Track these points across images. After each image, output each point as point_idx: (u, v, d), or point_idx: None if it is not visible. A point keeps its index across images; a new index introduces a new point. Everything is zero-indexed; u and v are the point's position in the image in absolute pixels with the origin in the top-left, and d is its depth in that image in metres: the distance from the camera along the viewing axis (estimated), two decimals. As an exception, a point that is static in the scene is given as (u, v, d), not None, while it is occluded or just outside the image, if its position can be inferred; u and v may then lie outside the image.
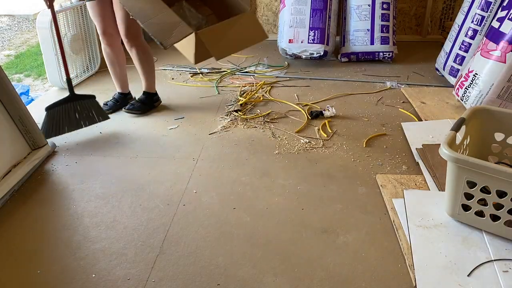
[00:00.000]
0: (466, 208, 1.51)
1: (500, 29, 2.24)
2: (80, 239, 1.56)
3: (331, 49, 3.38)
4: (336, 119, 2.46)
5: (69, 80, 2.26)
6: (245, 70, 3.23)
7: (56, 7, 2.58)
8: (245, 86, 2.91)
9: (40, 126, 2.11)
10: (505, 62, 2.17)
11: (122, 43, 2.44)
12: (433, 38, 3.95)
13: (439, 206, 1.63)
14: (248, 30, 1.90)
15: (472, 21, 2.68)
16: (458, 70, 2.77)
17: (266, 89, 2.86)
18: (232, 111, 2.54)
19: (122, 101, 2.60)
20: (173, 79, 3.08)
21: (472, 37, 2.69)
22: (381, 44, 3.30)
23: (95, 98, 2.35)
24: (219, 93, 2.82)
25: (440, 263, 1.39)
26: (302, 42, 3.29)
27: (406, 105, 2.63)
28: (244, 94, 2.78)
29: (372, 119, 2.46)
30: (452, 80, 2.82)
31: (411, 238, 1.50)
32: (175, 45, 1.76)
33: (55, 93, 2.87)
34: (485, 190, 1.42)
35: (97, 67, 3.21)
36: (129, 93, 2.66)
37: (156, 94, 2.62)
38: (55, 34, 2.44)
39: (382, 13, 3.27)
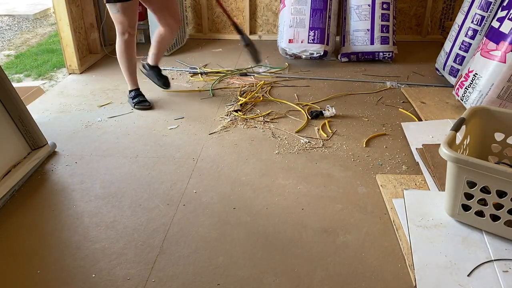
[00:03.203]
0: (466, 208, 1.51)
1: (500, 29, 2.24)
2: (80, 239, 1.56)
3: (331, 49, 3.38)
4: (336, 119, 2.46)
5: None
6: (245, 71, 3.22)
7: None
8: (244, 86, 2.91)
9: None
10: (505, 62, 2.17)
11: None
12: (433, 38, 3.95)
13: (439, 206, 1.63)
14: None
15: (472, 21, 2.68)
16: (458, 70, 2.78)
17: (266, 89, 2.86)
18: (232, 111, 2.54)
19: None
20: (173, 79, 3.08)
21: (472, 37, 2.69)
22: (381, 44, 3.30)
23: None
24: (213, 95, 2.80)
25: (440, 263, 1.39)
26: (302, 42, 3.29)
27: (406, 105, 2.63)
28: (244, 94, 2.78)
29: (372, 119, 2.46)
30: (452, 80, 2.82)
31: (411, 238, 1.50)
32: None
33: (55, 94, 2.87)
34: (485, 190, 1.42)
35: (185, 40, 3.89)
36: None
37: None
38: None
39: (382, 13, 3.27)
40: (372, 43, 3.30)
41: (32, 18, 5.60)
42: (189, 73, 3.18)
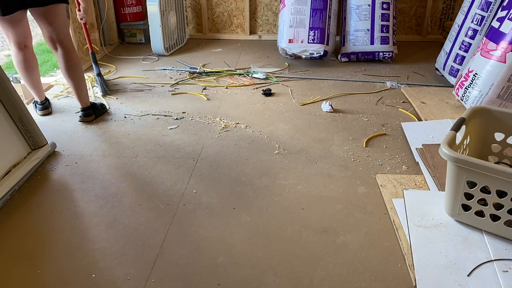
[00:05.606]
0: (466, 208, 1.51)
1: (500, 29, 2.24)
2: (80, 239, 1.56)
3: (331, 49, 3.38)
4: (335, 119, 2.46)
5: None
6: (242, 72, 3.22)
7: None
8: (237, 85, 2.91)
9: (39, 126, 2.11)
10: (505, 62, 2.17)
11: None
12: (433, 38, 3.95)
13: (439, 206, 1.63)
14: None
15: (472, 21, 2.68)
16: (458, 70, 2.78)
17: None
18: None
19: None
20: (171, 78, 3.08)
21: (472, 37, 2.69)
22: (381, 44, 3.30)
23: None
24: (207, 100, 2.82)
25: (440, 263, 1.39)
26: (302, 42, 3.29)
27: (406, 105, 2.63)
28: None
29: (372, 119, 2.46)
30: (452, 80, 2.82)
31: (411, 238, 1.50)
32: None
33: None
34: (485, 190, 1.42)
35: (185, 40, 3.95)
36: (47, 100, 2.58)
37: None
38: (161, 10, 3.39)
39: (382, 13, 3.27)
40: (372, 43, 3.30)
41: (31, 18, 5.59)
42: (188, 73, 3.17)
